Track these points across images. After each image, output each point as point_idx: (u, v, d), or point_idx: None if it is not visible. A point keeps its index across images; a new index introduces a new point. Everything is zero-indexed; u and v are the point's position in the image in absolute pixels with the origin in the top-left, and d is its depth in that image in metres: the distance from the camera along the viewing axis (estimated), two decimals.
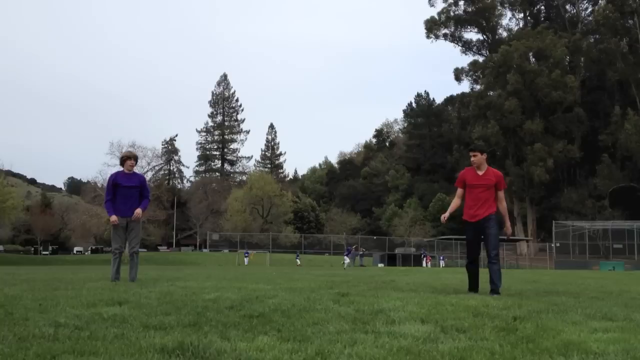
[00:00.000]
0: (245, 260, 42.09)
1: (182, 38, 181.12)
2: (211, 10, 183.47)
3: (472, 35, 74.64)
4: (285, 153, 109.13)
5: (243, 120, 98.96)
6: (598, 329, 3.06)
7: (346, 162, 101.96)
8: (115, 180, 7.90)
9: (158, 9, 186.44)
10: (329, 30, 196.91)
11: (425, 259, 43.68)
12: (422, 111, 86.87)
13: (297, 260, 42.00)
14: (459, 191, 6.77)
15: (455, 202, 6.83)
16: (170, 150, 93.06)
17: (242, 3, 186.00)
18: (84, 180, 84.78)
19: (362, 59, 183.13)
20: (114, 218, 7.69)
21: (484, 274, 6.53)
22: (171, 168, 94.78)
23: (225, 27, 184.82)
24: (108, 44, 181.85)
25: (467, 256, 6.81)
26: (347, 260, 35.19)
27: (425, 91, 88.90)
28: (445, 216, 6.72)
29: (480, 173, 6.59)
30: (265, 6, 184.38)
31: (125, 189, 7.82)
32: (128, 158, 8.00)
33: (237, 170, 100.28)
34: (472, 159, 6.64)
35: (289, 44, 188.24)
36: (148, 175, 56.16)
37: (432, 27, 71.90)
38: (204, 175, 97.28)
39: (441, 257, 47.60)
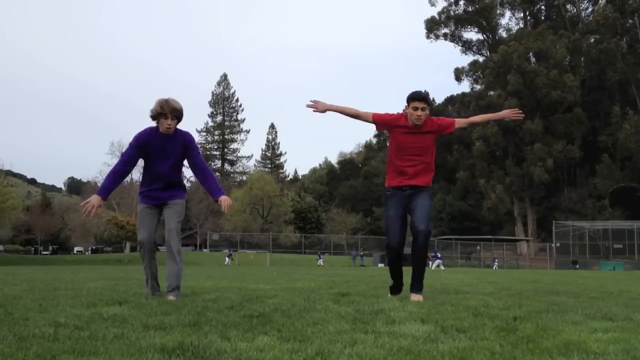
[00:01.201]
0: (227, 260, 39.73)
1: (182, 38, 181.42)
2: (211, 10, 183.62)
3: (472, 35, 74.77)
4: (285, 153, 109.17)
5: (243, 120, 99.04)
6: (598, 329, 3.06)
7: (346, 162, 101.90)
8: (143, 142, 4.49)
9: (158, 10, 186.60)
10: (329, 31, 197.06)
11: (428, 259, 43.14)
12: None
13: (320, 260, 41.12)
14: (369, 116, 4.58)
15: (349, 110, 4.63)
16: None
17: (243, 3, 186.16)
18: (84, 180, 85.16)
19: (362, 59, 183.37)
20: (94, 201, 4.27)
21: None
22: None
23: (225, 27, 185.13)
24: (108, 44, 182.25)
25: (388, 244, 4.48)
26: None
27: (425, 91, 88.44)
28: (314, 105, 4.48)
29: (415, 128, 4.59)
30: (266, 7, 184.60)
31: (162, 153, 4.50)
32: (162, 115, 4.39)
33: (237, 170, 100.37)
34: (417, 112, 4.46)
35: (289, 45, 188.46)
36: None
37: (432, 26, 71.94)
38: None
39: (438, 257, 43.86)
